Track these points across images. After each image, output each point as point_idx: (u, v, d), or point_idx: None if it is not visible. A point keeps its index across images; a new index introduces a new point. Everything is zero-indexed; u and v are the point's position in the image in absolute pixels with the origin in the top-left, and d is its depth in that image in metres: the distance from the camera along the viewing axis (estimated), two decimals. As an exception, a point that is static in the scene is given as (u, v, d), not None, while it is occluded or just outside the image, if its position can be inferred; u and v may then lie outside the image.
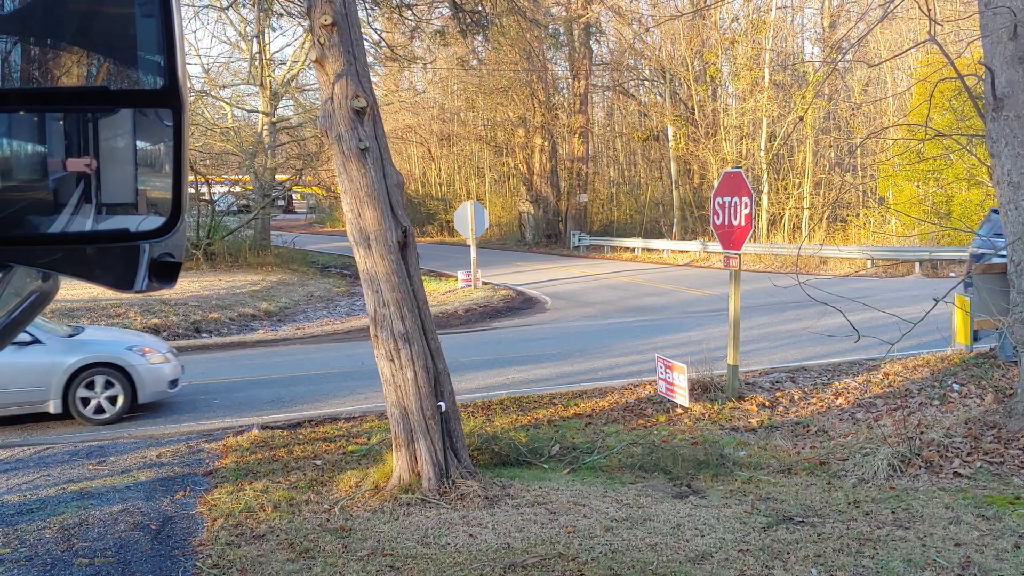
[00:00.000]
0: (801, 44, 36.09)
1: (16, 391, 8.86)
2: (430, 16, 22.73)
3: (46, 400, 8.97)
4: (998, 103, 7.02)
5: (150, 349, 9.60)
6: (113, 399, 9.18)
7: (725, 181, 9.26)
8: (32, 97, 0.87)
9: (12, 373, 8.82)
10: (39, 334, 8.99)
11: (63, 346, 9.19)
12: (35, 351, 8.92)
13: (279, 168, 29.34)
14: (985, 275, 9.47)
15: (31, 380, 8.91)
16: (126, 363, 9.20)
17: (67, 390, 8.99)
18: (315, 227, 52.89)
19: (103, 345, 9.49)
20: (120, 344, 9.58)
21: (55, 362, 8.97)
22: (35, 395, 8.95)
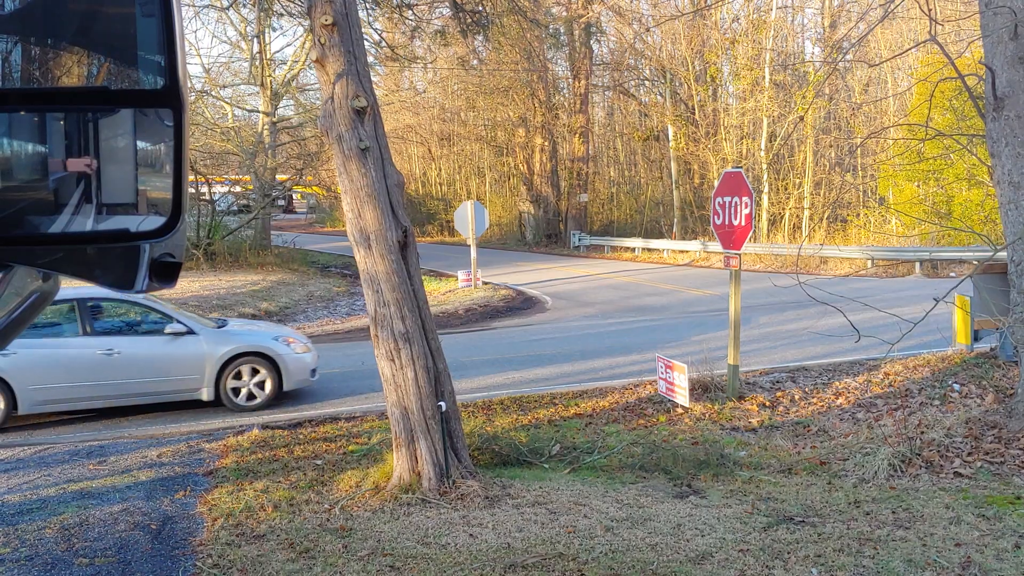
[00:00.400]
0: (801, 44, 36.12)
1: (174, 379, 9.29)
2: (430, 16, 22.74)
3: (200, 388, 9.37)
4: (999, 103, 7.02)
5: (293, 339, 10.06)
6: (261, 386, 9.59)
7: (725, 181, 9.26)
8: (32, 97, 0.87)
9: (170, 362, 9.25)
10: (193, 325, 9.46)
11: (215, 337, 9.55)
12: (190, 342, 9.34)
13: (279, 168, 29.35)
14: (985, 275, 9.47)
15: (187, 369, 9.30)
16: (274, 352, 9.60)
17: (219, 379, 9.38)
18: (315, 227, 52.89)
19: (252, 335, 9.92)
20: (267, 335, 10.03)
21: (208, 352, 9.35)
22: (190, 383, 9.36)
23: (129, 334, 9.39)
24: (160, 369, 9.20)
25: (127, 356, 9.09)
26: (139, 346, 9.28)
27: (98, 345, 9.04)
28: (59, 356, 8.93)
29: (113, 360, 9.02)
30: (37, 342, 8.93)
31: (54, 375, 8.86)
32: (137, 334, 9.41)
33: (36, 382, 8.80)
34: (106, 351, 9.02)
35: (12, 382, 8.71)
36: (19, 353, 8.70)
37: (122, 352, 9.08)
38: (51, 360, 8.87)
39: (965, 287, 9.31)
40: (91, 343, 9.05)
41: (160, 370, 9.20)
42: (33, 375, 8.78)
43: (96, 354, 9.00)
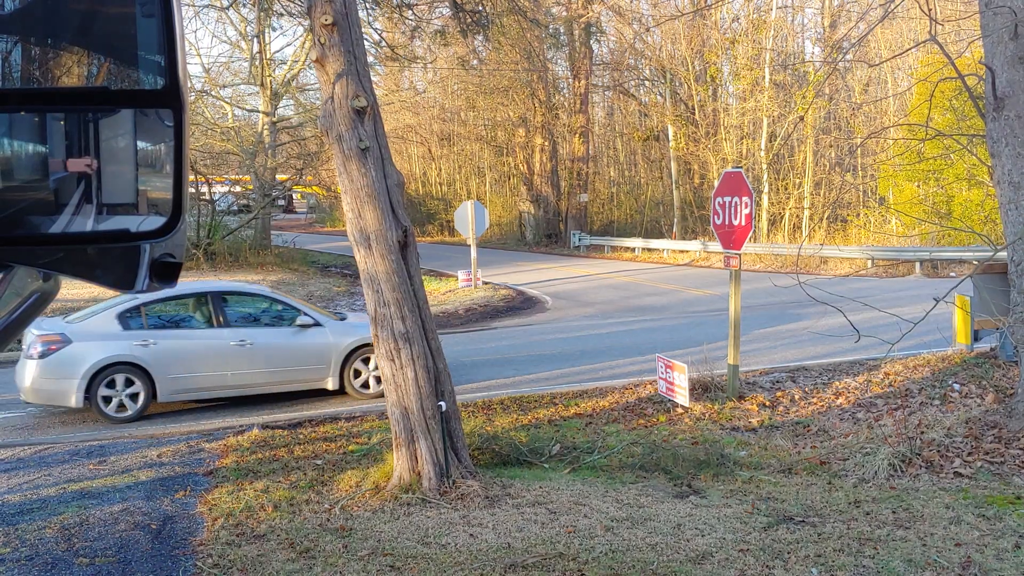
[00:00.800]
0: (801, 44, 36.13)
1: (302, 369, 9.68)
2: (430, 16, 22.74)
3: (325, 377, 9.75)
4: (999, 103, 7.02)
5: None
6: (379, 377, 9.60)
7: (725, 181, 9.26)
8: (33, 97, 0.87)
9: (298, 353, 9.64)
10: (319, 317, 9.87)
11: (340, 329, 9.93)
12: (317, 333, 9.72)
13: (279, 168, 29.34)
14: (985, 275, 9.47)
15: (314, 359, 9.69)
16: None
17: (343, 368, 9.77)
18: (315, 227, 52.86)
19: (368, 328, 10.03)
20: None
21: (334, 343, 9.75)
22: (317, 373, 9.74)
23: (259, 326, 9.72)
24: (289, 359, 9.58)
25: (258, 347, 9.45)
26: (269, 337, 9.61)
27: (231, 336, 9.41)
28: (195, 346, 9.27)
29: (245, 350, 9.39)
30: (175, 333, 9.34)
31: (191, 365, 9.19)
32: (267, 326, 9.73)
33: (174, 371, 9.11)
34: (239, 342, 9.39)
35: (152, 371, 9.02)
36: (159, 344, 9.09)
37: (254, 343, 9.44)
38: (188, 350, 9.21)
39: (965, 287, 9.31)
40: (225, 334, 9.41)
41: (289, 360, 9.58)
42: (171, 365, 9.09)
43: (230, 344, 9.37)
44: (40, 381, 8.81)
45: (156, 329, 9.29)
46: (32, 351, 8.84)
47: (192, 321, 9.58)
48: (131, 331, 9.11)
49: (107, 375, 8.92)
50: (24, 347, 9.12)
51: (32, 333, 8.91)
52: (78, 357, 8.84)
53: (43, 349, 8.80)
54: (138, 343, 9.02)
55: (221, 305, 9.60)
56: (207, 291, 9.70)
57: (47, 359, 8.80)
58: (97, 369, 8.84)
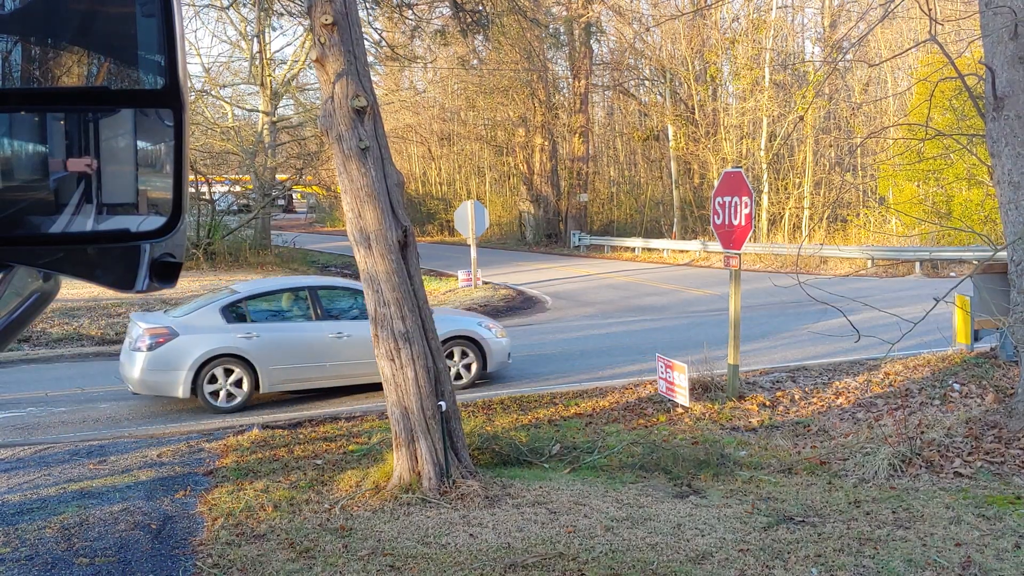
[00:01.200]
0: (801, 44, 36.13)
1: None
2: (430, 16, 22.73)
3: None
4: (999, 103, 7.02)
5: (493, 324, 10.80)
6: (468, 367, 10.33)
7: (725, 181, 9.26)
8: (33, 97, 0.87)
9: None
10: None
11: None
12: None
13: (279, 167, 29.33)
14: (985, 275, 9.47)
15: None
16: (479, 336, 10.36)
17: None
18: (315, 226, 52.84)
19: (461, 320, 10.69)
20: (472, 320, 10.80)
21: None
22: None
23: (353, 319, 9.92)
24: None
25: (354, 339, 9.67)
26: (364, 329, 9.57)
27: (329, 329, 9.72)
28: (296, 339, 9.62)
29: (342, 342, 9.69)
30: (276, 326, 9.67)
31: (292, 356, 9.53)
32: (360, 319, 9.80)
33: (276, 362, 9.42)
34: (336, 334, 9.70)
35: (255, 363, 9.33)
36: (261, 336, 9.42)
37: (350, 335, 9.70)
38: (289, 342, 9.56)
39: (965, 287, 9.31)
40: (323, 327, 9.73)
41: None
42: (273, 356, 9.40)
43: (328, 337, 9.68)
44: (149, 373, 9.07)
45: (258, 322, 9.64)
46: (140, 344, 9.09)
47: (291, 315, 9.94)
48: (234, 324, 9.47)
49: (212, 367, 9.23)
50: (130, 340, 9.38)
51: (139, 326, 9.28)
52: (185, 349, 9.10)
53: (151, 342, 9.07)
54: (241, 335, 9.37)
55: (318, 299, 9.97)
56: (305, 286, 10.25)
57: (155, 351, 9.07)
58: (203, 361, 9.15)
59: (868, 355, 10.22)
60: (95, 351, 13.55)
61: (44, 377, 11.53)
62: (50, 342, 13.74)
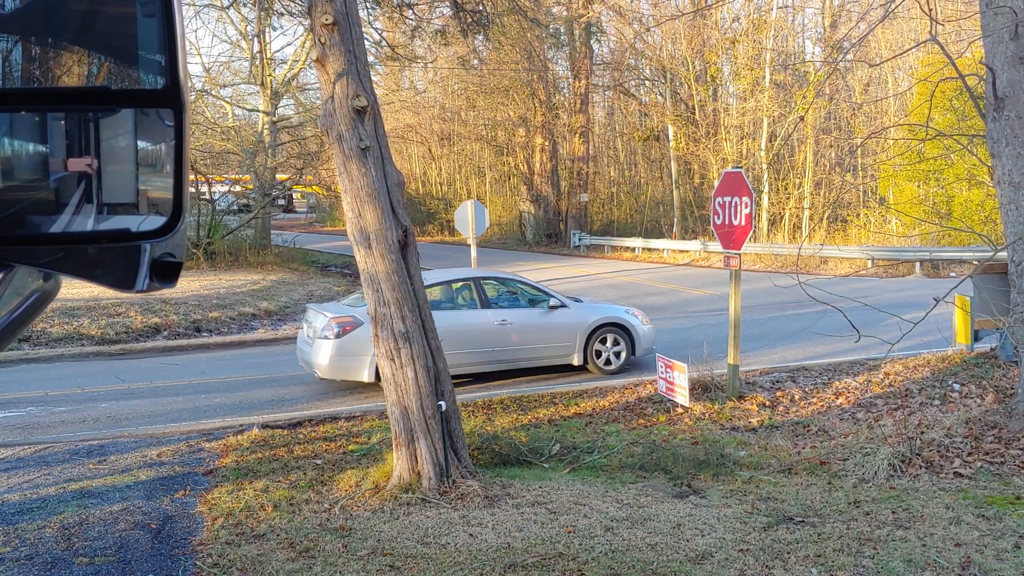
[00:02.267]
0: (802, 44, 36.12)
1: (553, 346, 10.69)
2: (431, 15, 22.73)
3: (571, 354, 10.73)
4: (999, 103, 7.02)
5: (639, 313, 11.32)
6: (618, 353, 10.88)
7: (725, 181, 9.26)
8: (33, 97, 0.87)
9: (550, 331, 10.66)
10: (564, 300, 10.89)
11: (583, 309, 10.96)
12: (564, 314, 10.74)
13: (280, 167, 29.32)
14: (985, 275, 9.47)
15: (563, 337, 10.69)
16: (628, 323, 10.95)
17: (586, 346, 10.73)
18: (315, 226, 52.82)
19: (611, 309, 11.28)
20: (621, 308, 11.33)
21: (578, 322, 10.75)
22: (565, 349, 10.73)
23: (516, 307, 10.72)
24: (542, 337, 10.61)
25: (517, 325, 10.48)
26: (525, 317, 10.61)
27: (494, 316, 10.48)
28: (465, 326, 10.30)
29: (506, 329, 10.44)
30: (447, 314, 10.17)
31: (462, 342, 10.12)
32: (522, 307, 10.72)
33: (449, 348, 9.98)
34: (501, 321, 10.46)
35: None
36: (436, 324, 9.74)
37: (513, 322, 10.47)
38: (461, 329, 10.17)
39: (965, 287, 9.32)
40: (489, 315, 10.48)
41: (542, 338, 10.61)
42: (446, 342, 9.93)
43: (494, 324, 10.43)
44: (337, 359, 9.72)
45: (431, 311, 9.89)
46: (328, 332, 9.76)
47: (459, 304, 10.64)
48: None
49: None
50: (312, 329, 10.07)
51: (324, 316, 10.00)
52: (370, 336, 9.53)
53: (339, 330, 9.75)
54: None
55: (482, 289, 10.70)
56: (470, 277, 10.97)
57: (343, 339, 9.72)
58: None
59: (868, 355, 10.22)
60: (95, 351, 13.55)
61: (44, 377, 11.53)
62: (50, 342, 13.74)
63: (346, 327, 9.77)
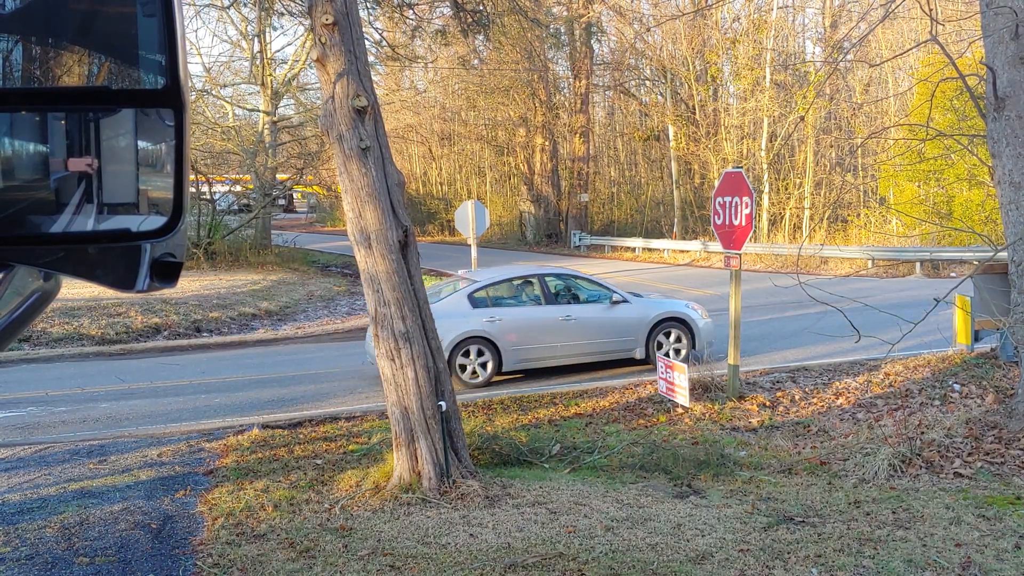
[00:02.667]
0: (802, 44, 36.11)
1: (616, 340, 10.86)
2: (431, 15, 22.73)
3: (634, 348, 10.90)
4: (999, 103, 7.02)
5: (699, 307, 11.54)
6: (678, 349, 11.07)
7: (726, 181, 9.26)
8: (33, 97, 0.87)
9: (613, 326, 10.83)
10: (626, 296, 11.12)
11: (644, 304, 11.20)
12: (626, 309, 10.94)
13: (280, 167, 29.32)
14: (986, 275, 9.47)
15: (626, 331, 10.86)
16: (688, 317, 11.15)
17: (648, 339, 10.92)
18: (316, 226, 52.83)
19: (672, 303, 11.51)
20: (681, 303, 11.56)
21: (640, 317, 10.95)
22: (628, 343, 10.89)
23: (579, 303, 10.96)
24: (606, 331, 10.78)
25: (581, 321, 10.71)
26: (589, 312, 10.83)
27: (559, 312, 10.70)
28: (531, 321, 10.58)
29: (571, 324, 10.65)
30: (514, 310, 10.64)
31: (529, 337, 10.49)
32: (585, 303, 10.96)
33: (516, 343, 10.45)
34: (565, 317, 10.67)
35: (499, 344, 10.38)
36: (503, 320, 10.45)
37: (577, 318, 10.70)
38: (527, 325, 10.52)
39: (965, 287, 9.31)
40: (553, 311, 10.72)
41: (606, 332, 10.78)
42: (513, 338, 10.44)
43: (558, 320, 10.64)
44: None
45: (499, 308, 10.66)
46: None
47: (525, 300, 10.91)
48: (479, 309, 10.51)
49: (463, 347, 10.27)
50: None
51: None
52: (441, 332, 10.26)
53: None
54: (486, 319, 10.40)
55: (546, 286, 10.96)
56: (535, 274, 11.27)
57: None
58: (457, 342, 10.17)
59: (868, 355, 10.21)
60: (95, 351, 13.56)
61: (44, 377, 11.53)
62: (50, 342, 13.75)
63: None
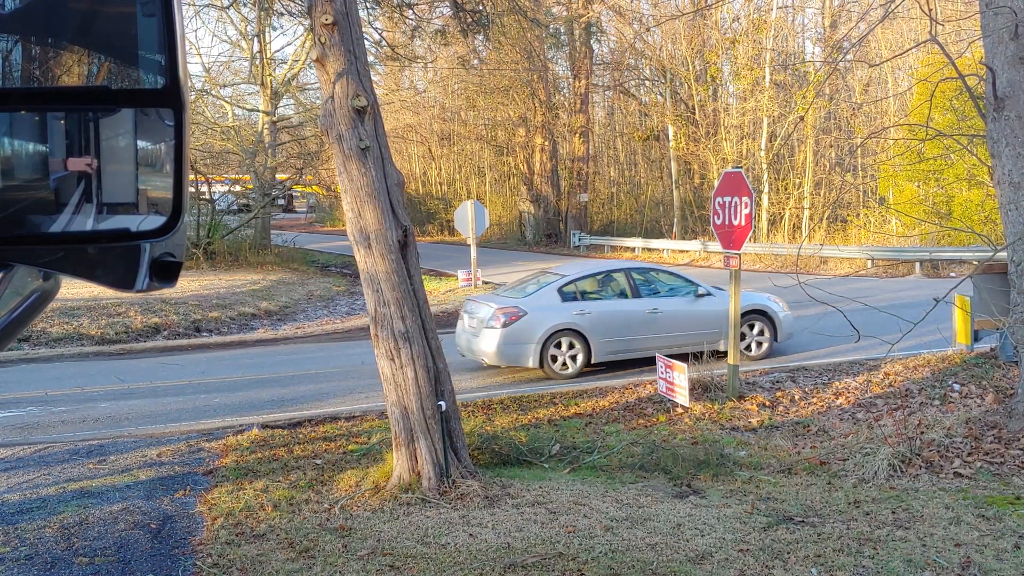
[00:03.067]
0: (802, 44, 36.12)
1: (701, 332, 10.99)
2: (431, 15, 22.73)
3: (718, 340, 10.90)
4: (999, 103, 7.02)
5: (780, 300, 11.64)
6: (760, 342, 11.35)
7: (725, 181, 9.26)
8: (33, 97, 0.87)
9: (698, 319, 11.05)
10: (709, 289, 11.36)
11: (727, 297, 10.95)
12: (710, 302, 11.16)
13: (279, 167, 29.32)
14: (985, 275, 9.47)
15: (710, 324, 11.00)
16: (770, 310, 11.39)
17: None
18: (315, 226, 52.82)
19: (755, 296, 11.63)
20: (764, 296, 11.73)
21: (725, 309, 10.55)
22: (712, 336, 10.99)
23: (665, 296, 11.22)
24: (691, 324, 11.00)
25: (667, 314, 10.94)
26: (674, 305, 11.07)
27: (646, 306, 10.94)
28: (619, 314, 10.83)
29: (657, 317, 10.86)
30: (602, 303, 10.92)
31: (617, 329, 10.74)
32: (671, 296, 11.20)
33: (605, 336, 10.72)
34: (652, 310, 10.89)
35: (589, 336, 10.65)
36: (592, 313, 10.73)
37: (663, 311, 10.92)
38: (614, 317, 10.77)
39: (965, 287, 9.31)
40: (640, 304, 10.98)
41: (691, 325, 11.00)
42: (602, 330, 10.71)
43: (645, 312, 10.87)
44: (505, 346, 10.46)
45: (588, 301, 10.96)
46: (494, 322, 10.48)
47: (612, 294, 11.18)
48: (569, 303, 10.81)
49: (555, 340, 10.56)
50: (476, 320, 10.81)
51: (489, 307, 10.70)
52: (534, 325, 10.47)
53: (505, 319, 10.46)
54: (576, 312, 10.68)
55: (633, 280, 11.25)
56: (622, 268, 11.62)
57: (510, 328, 10.45)
58: (548, 335, 10.49)
59: (868, 355, 10.22)
60: (95, 350, 13.56)
61: (44, 377, 11.53)
62: (50, 341, 13.75)
63: (512, 317, 10.47)
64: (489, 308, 10.66)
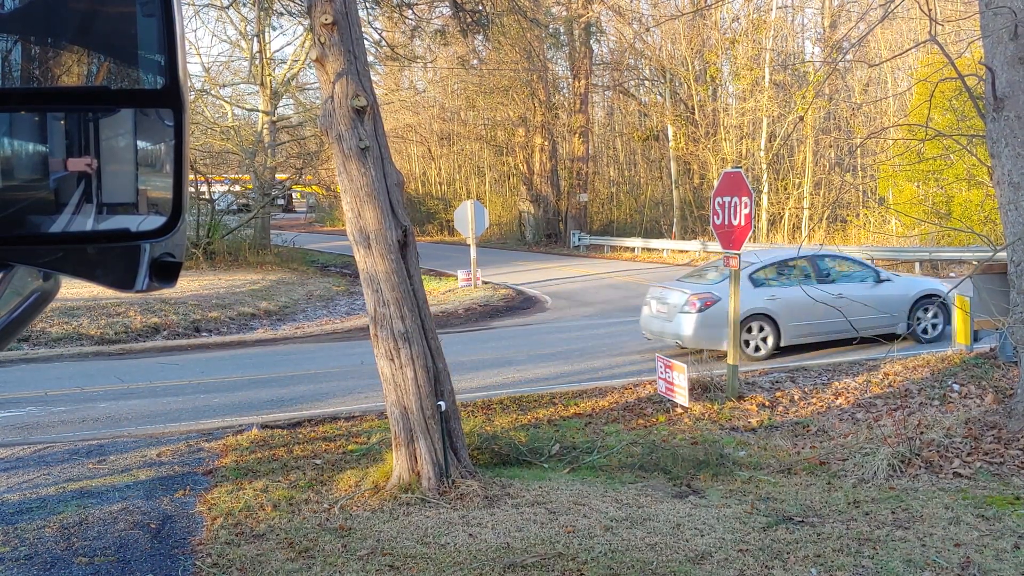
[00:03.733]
0: (801, 44, 36.13)
1: (880, 317, 10.97)
2: (430, 15, 22.72)
3: (895, 324, 11.08)
4: (998, 103, 7.02)
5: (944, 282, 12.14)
6: (935, 324, 11.70)
7: (725, 181, 9.26)
8: (33, 97, 0.87)
9: (878, 304, 11.04)
10: (888, 274, 11.79)
11: (904, 282, 11.99)
12: (888, 287, 11.61)
13: (279, 167, 29.32)
14: (985, 275, 9.47)
15: (890, 308, 11.26)
16: (943, 294, 11.36)
17: (909, 315, 11.47)
18: (315, 226, 52.82)
19: (930, 282, 12.27)
20: (937, 281, 12.25)
21: (903, 294, 11.61)
22: (891, 320, 11.17)
23: (846, 281, 11.53)
24: (872, 308, 10.89)
25: (850, 299, 10.65)
26: (857, 291, 11.18)
27: (830, 290, 10.82)
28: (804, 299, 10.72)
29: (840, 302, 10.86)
30: (788, 289, 11.14)
31: (802, 314, 10.96)
32: (852, 281, 11.54)
33: (792, 319, 11.19)
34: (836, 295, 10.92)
35: (779, 320, 11.17)
36: (781, 298, 11.16)
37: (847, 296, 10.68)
38: (800, 303, 10.55)
39: (965, 287, 9.32)
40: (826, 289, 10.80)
41: (872, 309, 10.87)
42: (791, 315, 11.14)
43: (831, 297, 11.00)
44: (701, 330, 10.97)
45: (774, 286, 11.43)
46: (689, 307, 11.05)
47: (797, 279, 11.37)
48: (760, 288, 11.29)
49: (747, 324, 10.97)
50: (668, 306, 11.41)
51: (682, 293, 11.27)
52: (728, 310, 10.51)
53: (701, 305, 10.98)
54: (767, 297, 11.17)
55: (816, 266, 11.71)
56: (807, 255, 11.98)
57: (705, 313, 10.95)
58: (743, 319, 10.53)
59: (868, 355, 10.22)
60: (95, 350, 13.56)
61: (44, 376, 11.53)
62: (50, 341, 13.74)
63: (707, 302, 10.93)
64: (683, 295, 11.19)
